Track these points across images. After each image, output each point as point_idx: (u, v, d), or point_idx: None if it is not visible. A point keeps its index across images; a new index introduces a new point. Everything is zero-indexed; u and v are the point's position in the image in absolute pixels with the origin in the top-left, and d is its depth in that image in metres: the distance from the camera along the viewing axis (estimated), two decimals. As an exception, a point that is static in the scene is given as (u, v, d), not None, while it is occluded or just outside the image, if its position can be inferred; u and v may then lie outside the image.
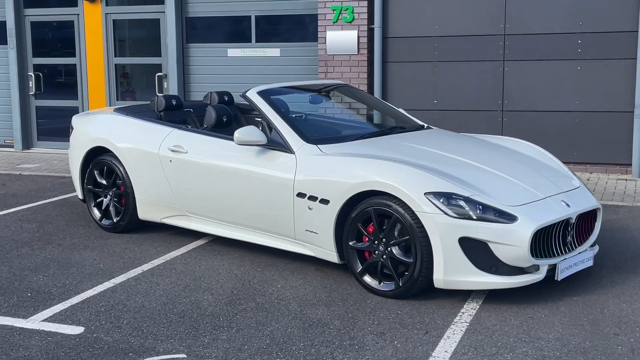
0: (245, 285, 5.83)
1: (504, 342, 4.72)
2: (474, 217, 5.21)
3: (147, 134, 7.08)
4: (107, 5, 12.57)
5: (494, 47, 10.41)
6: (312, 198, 5.84)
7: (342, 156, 5.88)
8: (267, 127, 6.36)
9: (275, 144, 6.18)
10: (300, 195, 5.91)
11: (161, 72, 12.38)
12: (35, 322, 5.13)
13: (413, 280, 5.36)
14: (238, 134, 6.15)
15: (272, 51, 11.75)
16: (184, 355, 4.58)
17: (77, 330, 4.98)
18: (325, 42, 10.92)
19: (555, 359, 4.48)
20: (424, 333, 4.89)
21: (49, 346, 4.72)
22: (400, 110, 7.52)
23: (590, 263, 5.75)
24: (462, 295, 5.51)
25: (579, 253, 5.62)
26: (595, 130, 10.13)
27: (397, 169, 5.51)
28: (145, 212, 7.13)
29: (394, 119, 7.29)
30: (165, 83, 12.33)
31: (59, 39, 13.26)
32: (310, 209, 5.86)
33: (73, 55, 12.93)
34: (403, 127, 6.98)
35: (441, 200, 5.26)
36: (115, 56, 12.68)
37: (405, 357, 4.53)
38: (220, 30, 12.13)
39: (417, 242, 5.30)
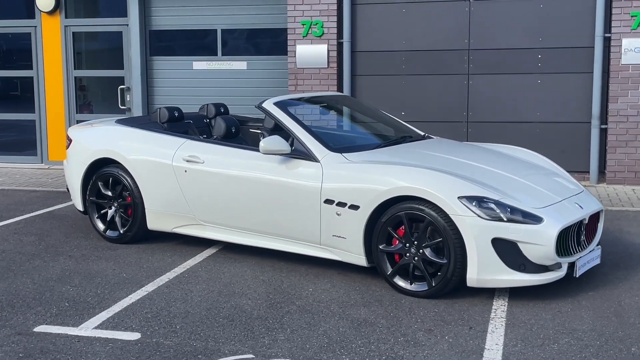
0: (277, 290, 6.00)
1: (545, 334, 5.07)
2: (505, 219, 5.56)
3: (158, 145, 7.15)
4: (66, 17, 12.45)
5: (459, 62, 10.89)
6: (341, 204, 6.07)
7: (370, 164, 6.14)
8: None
9: (299, 153, 6.40)
10: (328, 201, 6.13)
11: (124, 84, 12.35)
12: (88, 329, 5.18)
13: (446, 280, 5.66)
14: (264, 143, 6.34)
15: (238, 64, 11.91)
16: (251, 356, 4.74)
17: (134, 336, 5.06)
18: (295, 56, 11.16)
19: (597, 347, 4.87)
20: (468, 329, 5.19)
21: (115, 351, 4.80)
22: (399, 120, 7.85)
23: (598, 260, 6.19)
24: (488, 293, 5.85)
25: (590, 252, 6.06)
26: (555, 139, 10.73)
27: (430, 175, 5.82)
28: (155, 222, 7.20)
29: (396, 129, 7.59)
30: (129, 96, 12.31)
31: (14, 51, 13.04)
32: (338, 214, 6.10)
33: (30, 67, 12.73)
34: (411, 136, 7.31)
35: (474, 204, 5.59)
36: (74, 69, 12.56)
37: (461, 351, 4.82)
38: (185, 43, 12.20)
39: (451, 243, 5.61)
